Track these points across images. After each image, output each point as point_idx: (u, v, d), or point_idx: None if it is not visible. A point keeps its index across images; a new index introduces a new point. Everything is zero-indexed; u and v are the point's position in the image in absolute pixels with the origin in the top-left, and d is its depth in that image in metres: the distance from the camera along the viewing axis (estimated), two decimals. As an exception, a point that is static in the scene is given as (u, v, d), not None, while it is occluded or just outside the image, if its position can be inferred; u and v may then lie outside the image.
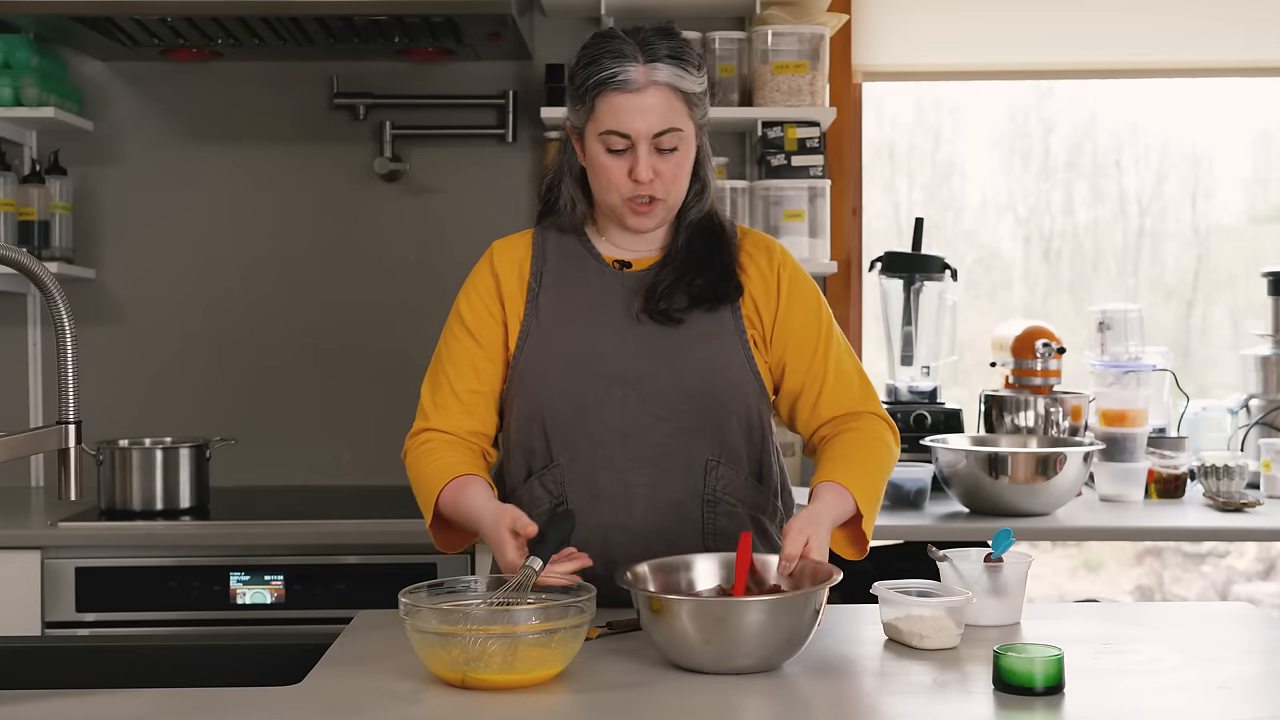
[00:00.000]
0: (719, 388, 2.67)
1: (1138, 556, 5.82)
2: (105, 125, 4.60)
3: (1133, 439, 4.20)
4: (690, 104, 2.61)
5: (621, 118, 2.58)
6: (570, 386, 2.66)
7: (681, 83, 2.59)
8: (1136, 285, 5.01)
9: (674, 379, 2.65)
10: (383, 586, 3.61)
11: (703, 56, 2.67)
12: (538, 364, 2.68)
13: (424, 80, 4.60)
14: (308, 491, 4.45)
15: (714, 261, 2.71)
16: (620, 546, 2.63)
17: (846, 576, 3.95)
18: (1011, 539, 2.61)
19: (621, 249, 2.75)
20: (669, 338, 2.67)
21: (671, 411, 2.65)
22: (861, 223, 4.77)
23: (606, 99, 2.58)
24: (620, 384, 2.65)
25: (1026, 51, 4.71)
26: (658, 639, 2.29)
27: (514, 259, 2.76)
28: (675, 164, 2.63)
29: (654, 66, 2.57)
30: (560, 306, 2.71)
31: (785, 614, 2.23)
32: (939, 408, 4.32)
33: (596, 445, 2.65)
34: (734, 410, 2.68)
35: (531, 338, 2.69)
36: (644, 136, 2.58)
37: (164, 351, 4.63)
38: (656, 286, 2.68)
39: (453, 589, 2.37)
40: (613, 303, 2.70)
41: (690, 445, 2.66)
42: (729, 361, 2.68)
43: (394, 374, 4.50)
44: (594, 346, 2.67)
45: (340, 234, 4.62)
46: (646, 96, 2.57)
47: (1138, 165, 5.03)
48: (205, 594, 3.75)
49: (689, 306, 2.67)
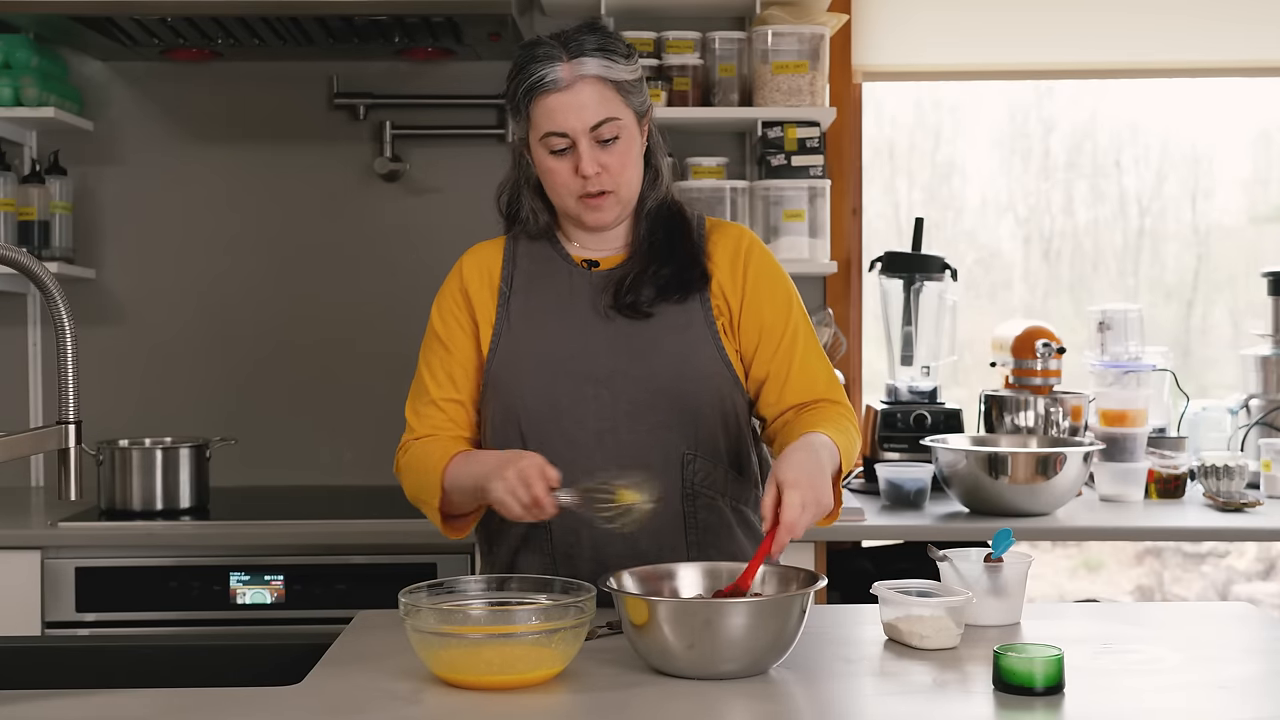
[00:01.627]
0: (690, 380, 2.66)
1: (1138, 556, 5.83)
2: (105, 125, 4.60)
3: (1133, 439, 4.20)
4: (623, 92, 2.62)
5: (555, 117, 2.59)
6: (543, 387, 2.66)
7: (610, 72, 2.60)
8: (1136, 285, 5.02)
9: (644, 374, 2.64)
10: (383, 586, 3.61)
11: (631, 47, 2.67)
12: (510, 366, 2.68)
13: (424, 80, 4.60)
14: (307, 491, 4.45)
15: (677, 250, 2.71)
16: (606, 547, 2.62)
17: (846, 576, 3.96)
18: (1011, 539, 2.61)
19: (589, 249, 2.76)
20: (638, 333, 2.66)
21: (644, 407, 2.64)
22: (861, 223, 4.77)
23: (539, 103, 2.60)
24: (591, 382, 2.65)
25: (1026, 51, 4.71)
26: (639, 645, 2.26)
27: (483, 267, 2.77)
28: (619, 154, 2.63)
29: (579, 61, 2.58)
30: (530, 309, 2.71)
31: (771, 617, 2.21)
32: (939, 408, 4.32)
33: (572, 444, 2.63)
34: (707, 402, 2.67)
35: (503, 341, 2.70)
36: (581, 132, 2.59)
37: (164, 351, 4.63)
38: (623, 280, 2.68)
39: (453, 589, 2.37)
40: (581, 302, 2.70)
41: (666, 440, 2.65)
42: (699, 353, 2.67)
43: (393, 374, 4.48)
44: (564, 346, 2.67)
45: (340, 234, 4.62)
46: (577, 92, 2.58)
47: (1138, 165, 5.03)
48: (205, 594, 3.75)
49: (656, 299, 2.67)
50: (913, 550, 4.04)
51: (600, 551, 2.63)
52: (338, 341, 4.63)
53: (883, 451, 4.27)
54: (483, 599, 2.37)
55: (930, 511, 3.95)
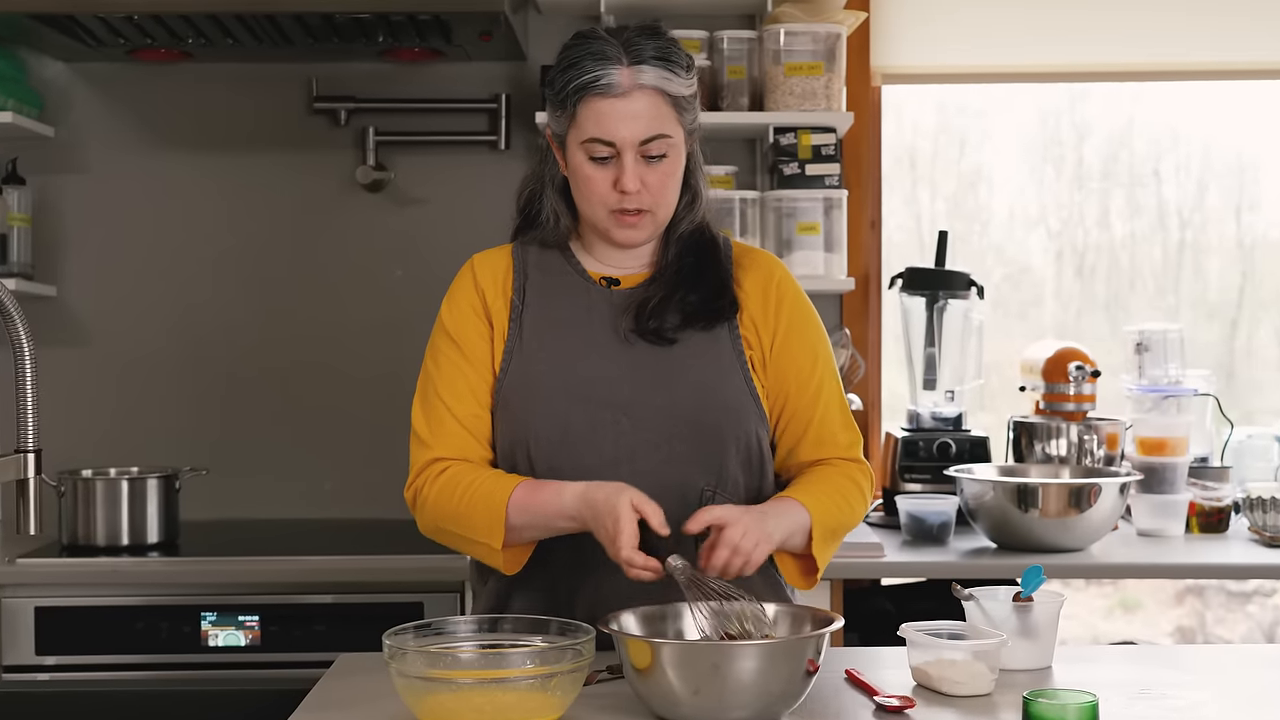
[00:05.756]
0: (715, 412, 2.65)
1: (1178, 595, 5.82)
2: (67, 131, 4.61)
3: (1172, 469, 4.20)
4: (679, 108, 2.61)
5: (605, 124, 2.58)
6: (556, 413, 2.64)
7: (669, 85, 2.59)
8: (1177, 303, 5.02)
9: (667, 403, 2.63)
10: (366, 627, 3.58)
11: (692, 58, 2.66)
12: (521, 389, 2.66)
13: (410, 83, 4.61)
14: (285, 525, 4.45)
15: (707, 276, 2.71)
16: (609, 586, 2.59)
17: (864, 616, 3.96)
18: (1042, 577, 2.61)
19: (608, 265, 2.75)
20: (661, 359, 2.66)
21: (665, 438, 2.63)
22: (881, 236, 4.78)
23: (589, 104, 2.58)
24: (610, 409, 2.63)
25: (1058, 52, 4.72)
26: (641, 690, 2.25)
27: (496, 273, 2.75)
28: (664, 173, 2.62)
29: (639, 69, 2.57)
30: (544, 326, 2.70)
31: (783, 660, 2.20)
32: (964, 435, 4.32)
33: (583, 474, 2.59)
34: (732, 436, 2.66)
35: (515, 360, 2.68)
36: (630, 144, 2.57)
37: (130, 375, 4.63)
38: (646, 304, 2.67)
39: (441, 630, 2.37)
40: (599, 322, 2.69)
41: (684, 474, 2.64)
42: (727, 383, 2.67)
43: (379, 399, 4.51)
44: (581, 369, 2.66)
45: (320, 248, 4.63)
46: (632, 101, 2.57)
47: (1178, 174, 5.04)
48: (175, 636, 3.76)
49: (682, 325, 2.66)
50: (936, 589, 4.04)
51: (601, 589, 2.61)
52: (317, 364, 4.63)
53: (903, 482, 4.28)
54: (473, 641, 2.37)
55: (955, 547, 3.96)
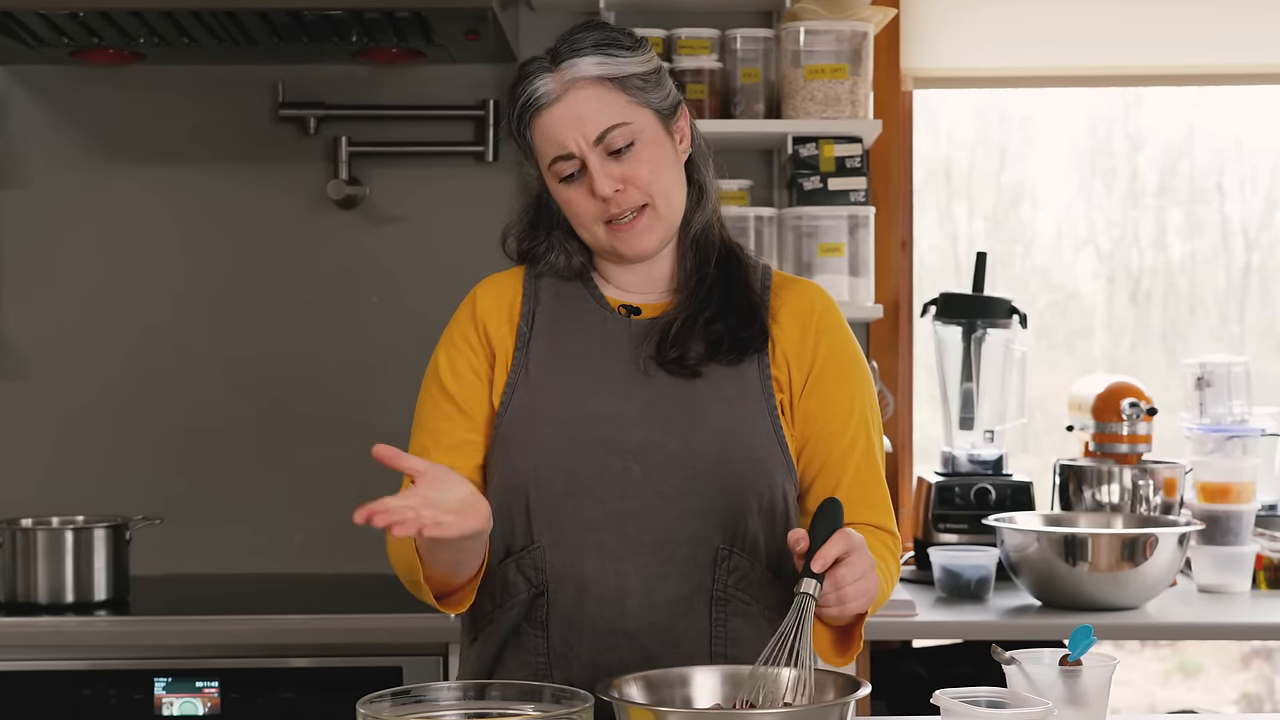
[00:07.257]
0: (737, 463, 2.64)
1: (1244, 659, 5.83)
2: (5, 142, 4.62)
3: (1237, 517, 4.21)
4: (630, 89, 2.61)
5: (553, 136, 2.60)
6: (559, 455, 2.63)
7: (608, 68, 2.60)
8: (1242, 333, 5.03)
9: (683, 450, 2.62)
10: (337, 694, 3.58)
11: (637, 36, 2.64)
12: (523, 427, 2.66)
13: (387, 87, 4.62)
14: (248, 581, 4.45)
15: (736, 301, 2.70)
16: (610, 650, 2.60)
17: (893, 682, 3.97)
18: (1092, 638, 2.61)
19: (628, 292, 2.75)
20: (681, 398, 2.65)
21: (680, 489, 2.62)
22: (912, 258, 4.79)
23: (534, 125, 2.61)
24: (620, 454, 2.62)
25: (1110, 52, 4.72)
26: None
27: (502, 299, 2.75)
28: (640, 160, 2.62)
29: (569, 64, 2.59)
30: (552, 358, 2.70)
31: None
32: (1005, 480, 4.33)
33: (585, 526, 2.60)
34: (754, 489, 2.64)
35: (518, 394, 2.68)
36: (586, 146, 2.58)
37: (75, 413, 4.63)
38: (669, 327, 2.66)
39: (421, 697, 2.37)
40: (615, 355, 2.69)
41: (697, 531, 2.62)
42: (752, 430, 2.66)
43: (352, 441, 4.47)
44: (590, 406, 2.65)
45: (287, 272, 4.63)
46: (570, 103, 2.59)
47: (1243, 189, 5.05)
48: (125, 704, 3.76)
49: (706, 356, 2.66)
50: (973, 651, 4.04)
51: (601, 653, 2.61)
52: (283, 402, 4.63)
53: (937, 533, 4.28)
54: (457, 710, 2.36)
55: (994, 605, 3.96)
